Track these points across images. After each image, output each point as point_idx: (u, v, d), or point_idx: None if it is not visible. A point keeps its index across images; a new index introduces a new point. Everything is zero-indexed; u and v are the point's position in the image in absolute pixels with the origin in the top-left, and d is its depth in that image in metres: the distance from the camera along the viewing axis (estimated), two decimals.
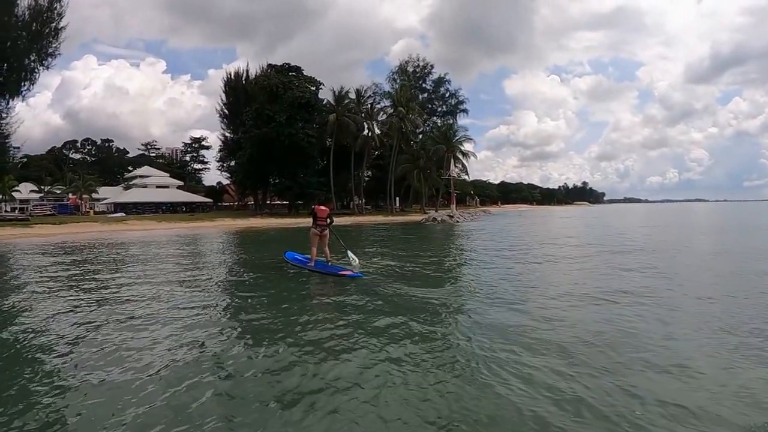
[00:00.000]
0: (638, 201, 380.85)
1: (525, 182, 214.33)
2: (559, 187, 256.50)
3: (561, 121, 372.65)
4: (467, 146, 70.55)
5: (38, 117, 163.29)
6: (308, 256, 12.39)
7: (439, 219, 48.83)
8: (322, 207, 12.16)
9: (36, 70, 45.90)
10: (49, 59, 46.17)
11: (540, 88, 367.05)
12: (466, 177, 79.88)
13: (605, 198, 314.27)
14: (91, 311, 8.06)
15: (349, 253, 11.92)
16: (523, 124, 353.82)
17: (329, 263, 11.95)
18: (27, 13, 44.68)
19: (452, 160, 65.85)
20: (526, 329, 6.48)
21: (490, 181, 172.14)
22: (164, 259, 16.38)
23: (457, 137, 69.04)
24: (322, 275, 11.39)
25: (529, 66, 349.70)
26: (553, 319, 7.02)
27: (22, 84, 45.28)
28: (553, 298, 8.63)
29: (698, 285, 10.25)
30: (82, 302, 8.86)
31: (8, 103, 45.28)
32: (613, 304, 7.99)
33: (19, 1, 44.04)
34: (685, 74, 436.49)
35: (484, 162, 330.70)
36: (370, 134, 66.20)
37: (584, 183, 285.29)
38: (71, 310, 8.12)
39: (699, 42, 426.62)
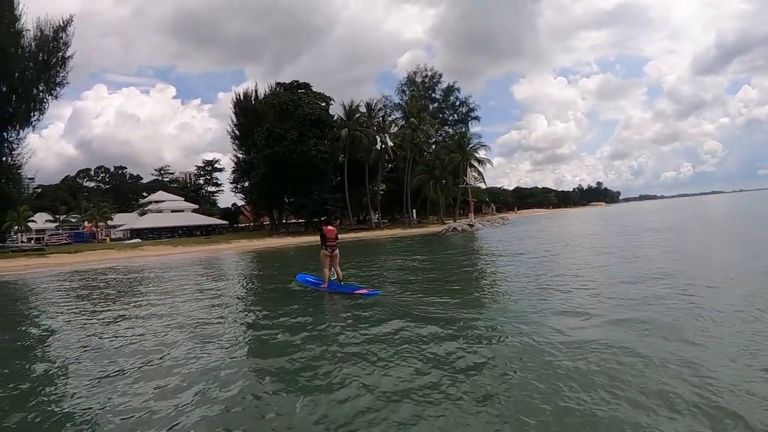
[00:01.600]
0: (654, 198, 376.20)
1: (539, 186, 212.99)
2: (574, 189, 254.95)
3: (571, 122, 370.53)
4: (482, 153, 69.40)
5: (51, 148, 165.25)
6: (319, 277, 12.16)
7: (460, 229, 47.56)
8: (330, 227, 11.91)
9: (45, 100, 45.91)
10: (58, 88, 46.25)
11: (548, 91, 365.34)
12: (483, 184, 78.44)
13: (620, 197, 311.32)
14: (119, 337, 8.11)
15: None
16: (534, 128, 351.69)
17: (342, 283, 11.66)
18: (33, 43, 44.73)
19: (468, 168, 64.66)
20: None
21: (505, 188, 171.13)
22: (183, 286, 15.29)
23: (472, 145, 67.92)
24: (336, 295, 11.12)
25: (536, 69, 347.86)
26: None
27: (32, 114, 45.21)
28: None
29: None
30: (103, 331, 8.79)
31: (18, 134, 45.14)
32: None
33: (25, 33, 44.12)
34: (693, 66, 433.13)
35: (498, 169, 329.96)
36: (383, 147, 65.28)
37: (598, 183, 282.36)
38: (88, 339, 8.12)
39: (704, 32, 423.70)
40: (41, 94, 45.69)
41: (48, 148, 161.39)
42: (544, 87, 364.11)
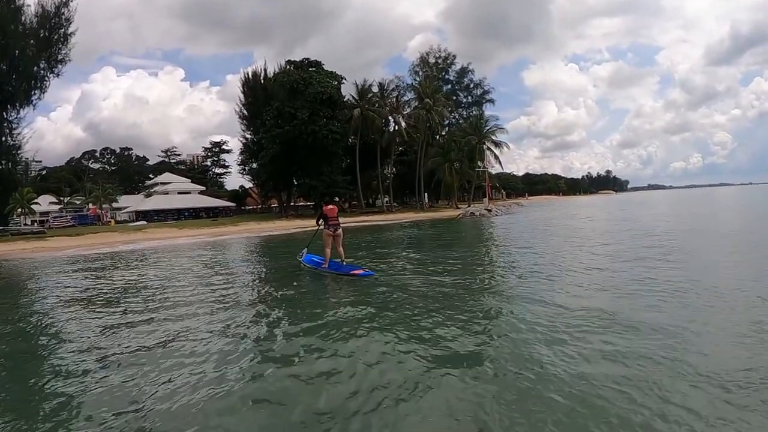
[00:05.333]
0: (662, 188, 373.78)
1: (548, 173, 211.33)
2: (583, 176, 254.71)
3: (581, 109, 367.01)
4: (499, 136, 67.13)
5: (60, 131, 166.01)
6: (323, 257, 11.98)
7: (477, 214, 45.53)
8: (330, 206, 11.91)
9: (46, 78, 44.50)
10: (59, 66, 44.91)
11: (559, 78, 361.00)
12: (500, 168, 76.35)
13: (629, 186, 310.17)
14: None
15: (305, 251, 13.14)
16: (544, 115, 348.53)
17: (343, 263, 11.62)
18: (35, 20, 43.24)
19: (486, 152, 62.76)
20: None
21: (515, 173, 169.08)
22: (187, 279, 13.51)
23: (489, 127, 65.72)
24: (336, 275, 11.10)
25: (548, 56, 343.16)
26: None
27: (33, 92, 43.78)
28: None
29: None
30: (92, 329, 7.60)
31: (18, 113, 43.65)
32: None
33: (25, 8, 42.62)
34: (706, 57, 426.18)
35: (506, 154, 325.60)
36: (396, 128, 63.26)
37: (607, 171, 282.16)
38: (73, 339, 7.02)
39: (718, 23, 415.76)
40: (42, 71, 44.28)
41: (56, 130, 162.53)
42: (555, 74, 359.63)
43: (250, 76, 68.06)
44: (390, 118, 63.29)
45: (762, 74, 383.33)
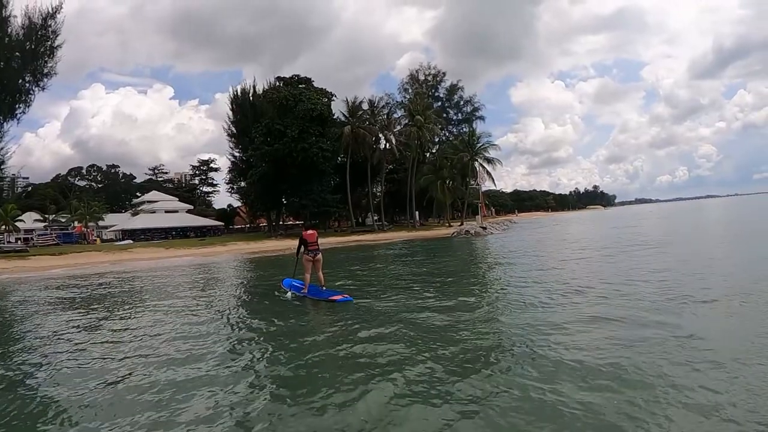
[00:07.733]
0: (649, 201, 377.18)
1: (536, 189, 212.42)
2: (570, 192, 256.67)
3: (568, 126, 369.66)
4: (491, 153, 66.58)
5: (47, 147, 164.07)
6: (303, 282, 11.83)
7: (472, 232, 44.70)
8: (310, 231, 11.84)
9: (31, 91, 43.46)
10: (45, 80, 43.84)
11: (545, 95, 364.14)
12: (492, 185, 75.73)
13: (616, 200, 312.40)
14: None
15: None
16: (531, 132, 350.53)
17: (323, 288, 11.50)
18: (21, 32, 42.36)
19: (479, 168, 62.30)
20: None
21: (503, 190, 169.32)
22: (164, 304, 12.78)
23: (481, 144, 65.24)
24: (315, 300, 10.99)
25: (534, 73, 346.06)
26: None
27: (17, 106, 42.71)
28: None
29: None
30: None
31: (1, 127, 42.57)
32: None
33: (11, 20, 41.76)
34: (690, 71, 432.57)
35: (496, 170, 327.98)
36: (387, 146, 62.80)
37: (595, 187, 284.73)
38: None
39: (701, 37, 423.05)
40: (27, 84, 43.36)
41: (44, 147, 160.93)
42: (541, 91, 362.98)
43: (239, 93, 67.41)
44: (380, 135, 62.82)
45: (745, 87, 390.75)
